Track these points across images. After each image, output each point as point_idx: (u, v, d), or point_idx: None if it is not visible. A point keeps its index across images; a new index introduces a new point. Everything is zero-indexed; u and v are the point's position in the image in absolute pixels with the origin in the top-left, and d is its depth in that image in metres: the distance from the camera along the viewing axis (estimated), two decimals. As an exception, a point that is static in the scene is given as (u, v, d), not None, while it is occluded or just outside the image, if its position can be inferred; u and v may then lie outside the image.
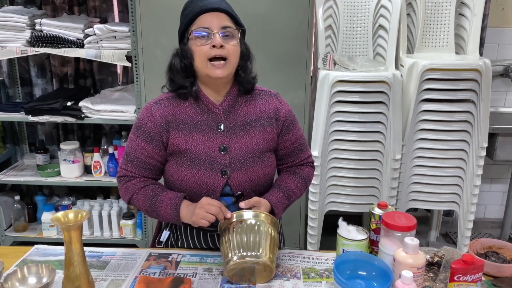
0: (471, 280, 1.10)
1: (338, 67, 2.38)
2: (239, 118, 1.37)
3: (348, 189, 2.47)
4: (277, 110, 1.41)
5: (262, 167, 1.37)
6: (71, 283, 1.09)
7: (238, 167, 1.34)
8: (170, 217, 1.32)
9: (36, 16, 2.64)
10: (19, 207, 2.90)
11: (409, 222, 1.20)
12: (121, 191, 1.40)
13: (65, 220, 1.10)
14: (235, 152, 1.35)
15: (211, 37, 1.27)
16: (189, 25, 1.31)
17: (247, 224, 1.24)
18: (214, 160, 1.33)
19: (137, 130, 1.36)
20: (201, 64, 1.29)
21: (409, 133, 2.41)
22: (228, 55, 1.28)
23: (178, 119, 1.35)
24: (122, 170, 1.39)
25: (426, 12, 2.57)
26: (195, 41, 1.29)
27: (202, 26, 1.28)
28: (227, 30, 1.29)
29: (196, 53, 1.29)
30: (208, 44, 1.27)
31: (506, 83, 3.03)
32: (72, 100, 2.65)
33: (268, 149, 1.40)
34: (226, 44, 1.28)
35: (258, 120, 1.38)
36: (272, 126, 1.40)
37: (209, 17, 1.28)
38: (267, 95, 1.43)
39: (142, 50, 2.44)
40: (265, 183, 1.41)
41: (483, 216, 3.35)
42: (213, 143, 1.34)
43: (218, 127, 1.35)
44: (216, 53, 1.27)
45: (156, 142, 1.34)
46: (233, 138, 1.35)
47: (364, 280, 1.19)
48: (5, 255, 1.31)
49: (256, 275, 1.22)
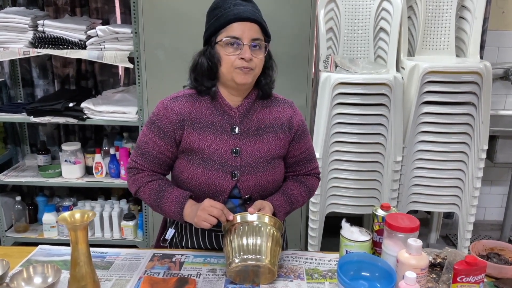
0: (474, 281, 1.11)
1: (339, 69, 2.39)
2: (254, 123, 1.38)
3: (349, 191, 2.48)
4: (291, 118, 1.43)
5: (271, 173, 1.38)
6: (77, 283, 1.10)
7: (248, 170, 1.35)
8: (174, 214, 1.32)
9: (38, 17, 2.65)
10: (20, 208, 2.90)
11: (412, 223, 1.21)
12: (129, 182, 1.42)
13: (71, 220, 1.10)
14: (247, 156, 1.36)
15: (241, 48, 1.27)
16: (219, 28, 1.30)
17: (250, 226, 1.25)
18: (225, 161, 1.34)
19: (151, 124, 1.37)
20: (227, 70, 1.30)
21: (409, 135, 2.42)
22: (254, 66, 1.30)
23: (194, 118, 1.35)
24: (132, 162, 1.40)
25: (427, 15, 2.58)
26: (223, 48, 1.29)
27: (233, 35, 1.28)
28: (257, 42, 1.29)
29: (224, 60, 1.30)
30: (237, 54, 1.28)
31: (506, 86, 3.05)
32: (74, 101, 2.65)
33: (279, 156, 1.42)
34: (254, 56, 1.29)
35: (271, 127, 1.40)
36: (285, 134, 1.41)
37: (241, 26, 1.28)
38: (282, 103, 1.45)
39: (144, 52, 2.45)
40: (273, 189, 1.42)
41: (483, 218, 3.36)
42: (226, 145, 1.35)
43: (232, 129, 1.36)
44: (243, 65, 1.28)
45: (168, 139, 1.35)
46: (246, 141, 1.36)
47: (368, 281, 1.20)
48: (9, 255, 1.31)
49: (260, 277, 1.23)
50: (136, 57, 2.50)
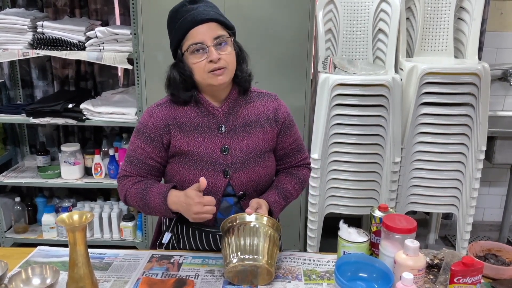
0: (471, 282, 1.11)
1: (338, 70, 2.40)
2: (239, 120, 1.39)
3: (347, 192, 2.48)
4: (276, 111, 1.44)
5: (263, 167, 1.40)
6: (75, 284, 1.10)
7: (239, 167, 1.36)
8: (159, 207, 1.31)
9: (37, 18, 2.65)
10: (19, 209, 2.91)
11: (410, 224, 1.22)
12: (118, 190, 1.42)
13: (70, 222, 1.11)
14: (237, 153, 1.36)
15: (207, 51, 1.28)
16: (181, 39, 1.30)
17: (248, 227, 1.25)
18: (216, 160, 1.35)
19: (138, 132, 1.38)
20: (202, 77, 1.31)
21: (408, 136, 2.42)
22: (226, 64, 1.30)
23: (179, 122, 1.36)
24: (122, 171, 1.41)
25: (426, 16, 2.58)
26: (191, 57, 1.30)
27: (195, 41, 1.28)
28: (220, 39, 1.29)
29: (195, 69, 1.30)
30: (205, 59, 1.28)
31: (505, 87, 3.05)
32: (73, 102, 2.66)
33: (268, 149, 1.43)
34: (222, 53, 1.29)
35: (258, 121, 1.41)
36: (272, 127, 1.42)
37: (200, 30, 1.28)
38: (266, 97, 1.46)
39: (143, 53, 2.46)
40: (266, 183, 1.43)
41: (481, 219, 3.37)
42: (215, 144, 1.36)
43: (219, 128, 1.37)
44: (215, 67, 1.28)
45: (156, 143, 1.36)
46: (234, 139, 1.37)
47: (365, 282, 1.20)
48: (8, 257, 1.31)
49: (258, 278, 1.23)
50: (135, 58, 2.50)
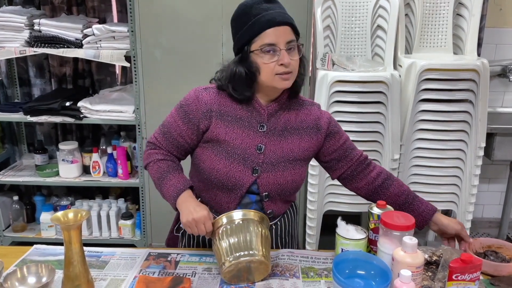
0: (469, 279, 1.10)
1: (337, 67, 2.39)
2: (280, 123, 1.39)
3: (346, 189, 2.46)
4: (318, 120, 1.43)
5: (291, 173, 1.39)
6: (70, 283, 1.10)
7: (269, 168, 1.36)
8: (169, 197, 1.33)
9: (34, 16, 2.64)
10: (17, 207, 2.90)
11: (408, 221, 1.21)
12: (144, 155, 1.45)
13: (64, 220, 1.10)
14: (270, 154, 1.36)
15: (278, 54, 1.26)
16: (253, 37, 1.28)
17: (236, 225, 1.25)
18: (248, 157, 1.35)
19: (179, 108, 1.39)
20: (268, 78, 1.29)
21: (407, 133, 2.41)
22: (293, 69, 1.30)
23: (223, 110, 1.36)
24: (153, 138, 1.43)
25: (424, 12, 2.57)
26: (260, 56, 1.28)
27: (269, 42, 1.26)
28: (292, 44, 1.28)
29: (263, 68, 1.28)
30: (275, 61, 1.27)
31: (504, 83, 3.04)
32: (71, 100, 2.65)
33: (302, 158, 1.41)
34: (292, 58, 1.28)
35: (297, 128, 1.41)
36: (311, 136, 1.42)
37: (276, 32, 1.26)
38: (309, 105, 1.45)
39: (141, 50, 2.45)
40: (291, 190, 1.42)
41: (481, 215, 3.36)
42: (252, 141, 1.36)
43: (260, 126, 1.37)
44: (284, 71, 1.27)
45: (191, 125, 1.36)
46: (271, 140, 1.37)
47: (363, 279, 1.19)
48: (4, 255, 1.31)
49: (253, 273, 1.23)
50: (133, 56, 2.49)
